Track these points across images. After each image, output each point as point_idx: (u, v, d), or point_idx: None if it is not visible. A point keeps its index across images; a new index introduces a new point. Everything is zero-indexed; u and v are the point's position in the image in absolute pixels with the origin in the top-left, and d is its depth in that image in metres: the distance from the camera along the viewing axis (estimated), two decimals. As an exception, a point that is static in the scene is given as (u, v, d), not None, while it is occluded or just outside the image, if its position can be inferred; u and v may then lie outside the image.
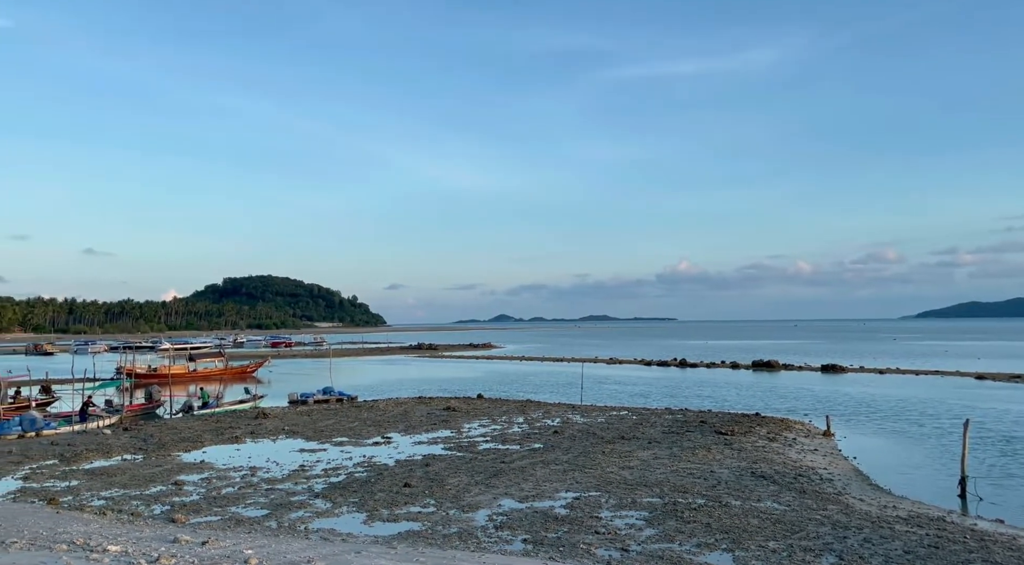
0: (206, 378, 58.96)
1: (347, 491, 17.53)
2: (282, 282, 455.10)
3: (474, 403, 38.46)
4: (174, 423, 32.16)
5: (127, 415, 34.69)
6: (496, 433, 27.42)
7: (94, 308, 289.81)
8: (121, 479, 19.29)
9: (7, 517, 14.22)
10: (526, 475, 19.25)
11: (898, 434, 29.12)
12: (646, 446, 24.13)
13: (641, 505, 15.86)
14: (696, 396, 44.83)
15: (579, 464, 20.81)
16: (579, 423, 30.12)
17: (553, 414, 33.30)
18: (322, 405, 38.45)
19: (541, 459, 21.69)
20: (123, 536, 12.41)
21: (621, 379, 58.45)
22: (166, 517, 15.00)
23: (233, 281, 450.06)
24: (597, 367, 71.87)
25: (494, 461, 21.39)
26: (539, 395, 44.88)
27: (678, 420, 31.02)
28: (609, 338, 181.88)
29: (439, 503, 16.18)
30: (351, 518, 15.12)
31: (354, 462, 21.63)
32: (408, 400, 40.33)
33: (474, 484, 18.15)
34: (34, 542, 11.65)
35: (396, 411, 34.58)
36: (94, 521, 14.25)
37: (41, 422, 29.42)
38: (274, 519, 14.83)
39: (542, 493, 17.16)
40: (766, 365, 69.46)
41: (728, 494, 16.96)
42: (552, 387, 51.64)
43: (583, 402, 39.26)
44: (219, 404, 38.18)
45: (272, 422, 30.98)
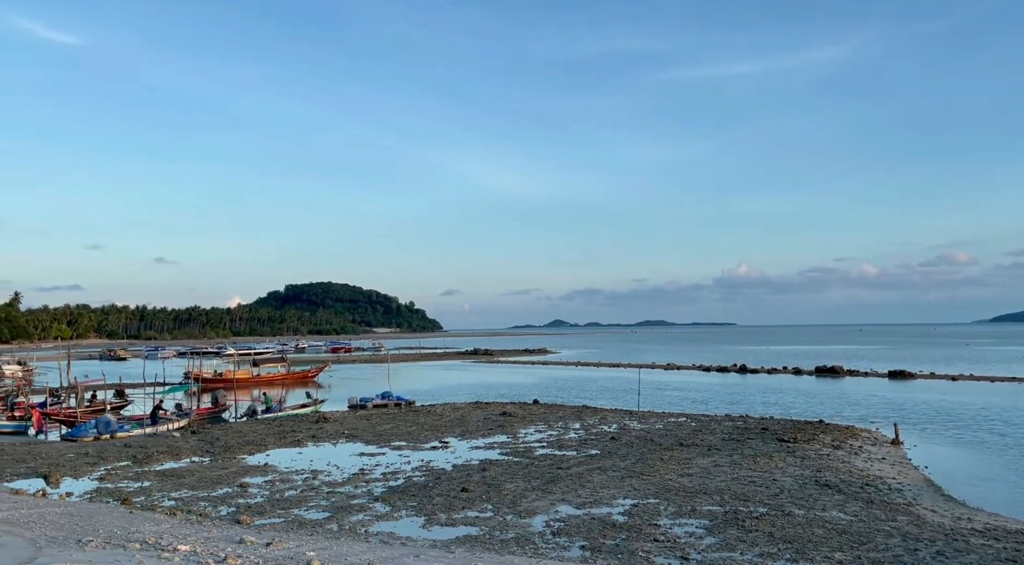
0: (269, 383, 60.50)
1: (406, 495, 17.72)
2: (341, 288, 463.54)
3: (530, 408, 38.46)
4: (239, 426, 33.08)
5: (195, 418, 35.82)
6: (552, 439, 27.35)
7: (163, 315, 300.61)
8: (190, 481, 19.92)
9: (84, 516, 14.84)
10: (583, 481, 19.15)
11: (973, 444, 27.92)
12: (706, 453, 23.73)
13: (701, 513, 15.60)
14: (757, 402, 43.88)
15: (637, 471, 20.59)
16: (636, 429, 29.82)
17: (610, 420, 33.04)
18: (381, 409, 39.01)
19: (598, 465, 21.54)
20: (192, 536, 12.81)
21: (679, 385, 57.63)
22: (232, 518, 15.42)
23: (294, 288, 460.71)
24: (654, 373, 71.03)
25: (551, 467, 21.34)
26: (595, 401, 44.60)
27: (738, 427, 30.41)
28: (666, 343, 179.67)
29: (496, 508, 16.22)
30: (410, 522, 15.28)
31: (412, 466, 21.87)
32: (464, 405, 40.58)
33: (531, 490, 18.14)
34: (109, 541, 12.13)
35: (453, 416, 34.83)
36: (165, 521, 14.75)
37: (115, 425, 30.63)
38: (335, 522, 15.10)
39: (600, 499, 17.04)
40: (830, 371, 67.56)
41: (791, 503, 16.54)
42: (608, 393, 51.24)
43: (640, 408, 38.85)
44: (282, 408, 39.08)
45: (332, 426, 31.57)
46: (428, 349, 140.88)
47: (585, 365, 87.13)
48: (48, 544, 11.80)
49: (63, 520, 14.21)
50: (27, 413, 35.14)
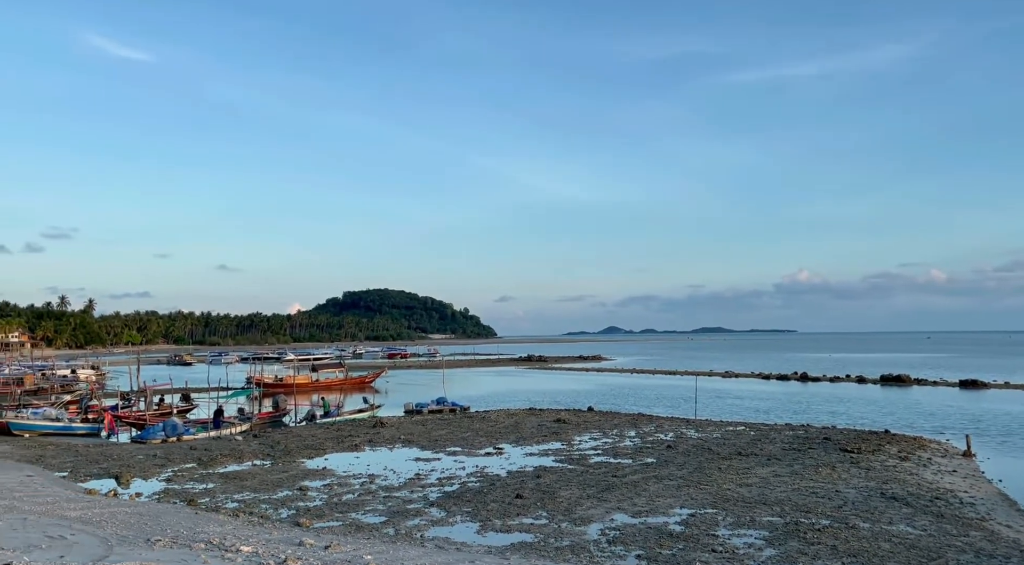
0: (327, 388, 61.66)
1: (461, 500, 17.82)
2: (398, 295, 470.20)
3: (584, 416, 38.24)
4: (298, 431, 33.80)
5: (257, 422, 36.73)
6: (608, 446, 27.14)
7: (227, 321, 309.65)
8: (252, 483, 20.43)
9: (153, 516, 15.37)
10: (639, 490, 18.94)
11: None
12: (765, 463, 23.19)
13: (760, 524, 15.25)
14: (819, 411, 42.71)
15: (694, 480, 20.26)
16: (693, 438, 29.35)
17: (666, 428, 32.61)
18: (436, 415, 39.33)
19: (654, 474, 21.27)
20: (254, 537, 13.14)
21: (738, 393, 56.51)
22: (292, 521, 15.75)
23: (352, 294, 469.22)
24: (712, 380, 69.82)
25: (606, 474, 21.17)
26: (651, 409, 44.08)
27: (799, 436, 29.64)
28: (724, 351, 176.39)
29: (551, 515, 16.17)
30: (465, 527, 15.35)
31: (467, 472, 21.98)
32: (519, 411, 40.61)
33: (586, 497, 18.03)
34: (176, 541, 12.53)
35: (507, 422, 34.88)
36: (228, 522, 15.16)
37: (182, 428, 31.65)
38: (391, 526, 15.27)
39: (656, 508, 16.82)
40: (896, 379, 65.29)
41: (855, 515, 16.02)
42: (664, 401, 50.59)
43: (697, 416, 38.22)
44: (339, 413, 39.77)
45: (389, 431, 31.97)
46: (482, 355, 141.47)
47: (640, 372, 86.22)
48: (119, 543, 12.25)
49: (133, 519, 14.74)
50: (99, 415, 36.59)
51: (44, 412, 36.97)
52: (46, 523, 13.84)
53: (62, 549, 11.36)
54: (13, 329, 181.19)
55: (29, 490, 18.47)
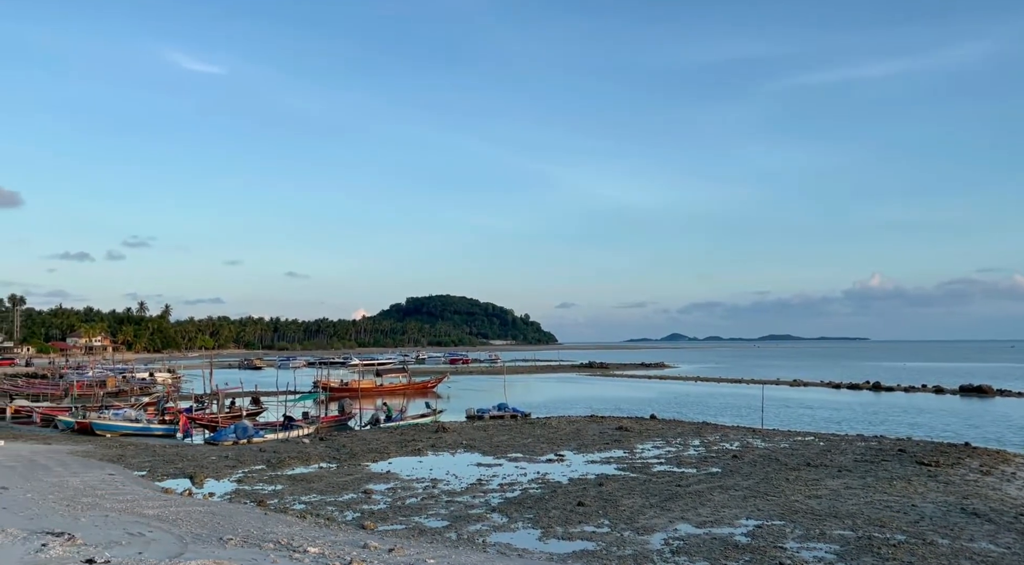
0: (391, 392, 62.60)
1: (522, 507, 17.82)
2: (459, 301, 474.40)
3: (647, 423, 37.77)
4: (363, 434, 34.42)
5: (322, 426, 37.55)
6: (671, 455, 26.74)
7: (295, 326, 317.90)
8: (318, 485, 20.89)
9: (225, 516, 15.88)
10: (703, 499, 18.59)
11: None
12: (836, 474, 22.46)
13: (831, 537, 14.76)
14: (893, 422, 41.15)
15: (761, 491, 19.77)
16: (760, 448, 28.66)
17: (731, 437, 31.93)
18: (497, 421, 39.47)
19: (719, 484, 20.85)
20: (320, 539, 13.43)
21: (806, 402, 54.93)
22: (357, 523, 16.03)
23: (415, 300, 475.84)
24: (779, 389, 68.04)
25: (669, 483, 20.86)
26: (716, 417, 43.24)
27: (872, 448, 28.60)
28: (792, 358, 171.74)
29: (613, 524, 16.02)
30: (526, 534, 15.35)
31: (528, 478, 21.97)
32: (580, 419, 40.39)
33: (649, 506, 17.80)
34: (246, 540, 12.91)
35: (568, 429, 34.74)
36: (296, 523, 15.54)
37: (252, 430, 32.61)
38: (454, 531, 15.38)
39: (721, 519, 16.48)
40: (976, 390, 62.38)
41: (933, 531, 15.35)
42: (730, 409, 49.56)
43: (764, 426, 37.29)
44: (403, 417, 40.32)
45: (451, 436, 32.23)
46: (543, 361, 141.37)
47: (705, 380, 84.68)
48: (193, 541, 12.70)
49: (206, 518, 15.26)
50: (175, 417, 38.04)
51: (124, 413, 38.65)
52: (126, 520, 14.46)
53: (140, 546, 11.84)
54: (97, 333, 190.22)
55: (111, 488, 19.33)
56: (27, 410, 43.31)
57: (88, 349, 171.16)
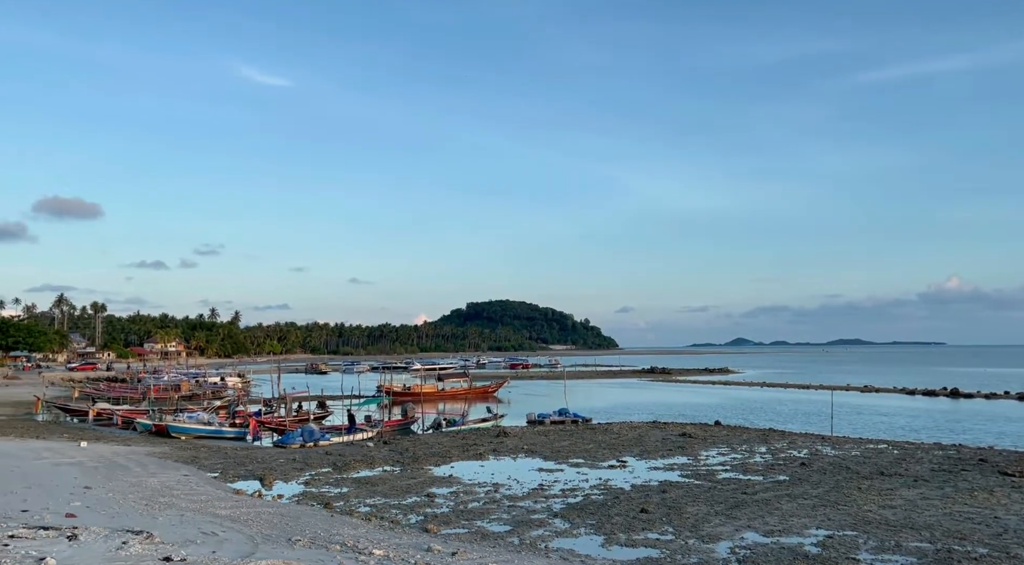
0: (452, 397, 63.12)
1: (584, 513, 17.72)
2: (519, 306, 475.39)
3: (711, 430, 37.09)
4: (426, 438, 34.79)
5: (385, 430, 38.12)
6: (736, 462, 26.19)
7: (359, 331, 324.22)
8: (382, 488, 21.21)
9: (293, 517, 16.28)
10: (770, 508, 18.14)
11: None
12: (911, 484, 21.60)
13: (907, 549, 14.21)
14: (973, 430, 39.36)
15: (831, 500, 19.17)
16: (830, 455, 27.79)
17: (799, 445, 31.07)
18: (558, 426, 39.36)
19: (787, 492, 20.31)
20: (385, 541, 13.63)
21: (879, 409, 53.04)
22: (420, 526, 16.21)
23: (475, 306, 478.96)
24: (849, 395, 65.90)
25: (735, 491, 20.43)
26: (783, 424, 42.13)
27: (950, 457, 27.41)
28: (863, 364, 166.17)
29: (677, 531, 15.78)
30: (589, 540, 15.25)
31: (590, 484, 21.83)
32: (642, 424, 39.94)
33: (714, 514, 17.46)
34: (314, 541, 13.20)
35: (631, 435, 34.39)
36: (361, 526, 15.82)
37: (318, 433, 33.35)
38: (516, 535, 15.40)
39: (789, 528, 16.05)
40: (1065, 396, 59.13)
41: (1018, 545, 14.60)
42: (798, 416, 48.25)
43: (834, 433, 36.17)
44: (464, 422, 40.60)
45: (512, 441, 32.29)
46: (604, 367, 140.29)
47: (771, 386, 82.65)
48: (264, 541, 13.06)
49: (276, 519, 15.68)
50: (245, 420, 39.21)
51: (198, 416, 40.07)
52: (200, 520, 14.97)
53: (214, 545, 12.24)
54: (172, 339, 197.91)
55: (185, 488, 20.04)
56: (108, 413, 45.31)
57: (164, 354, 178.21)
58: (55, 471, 21.80)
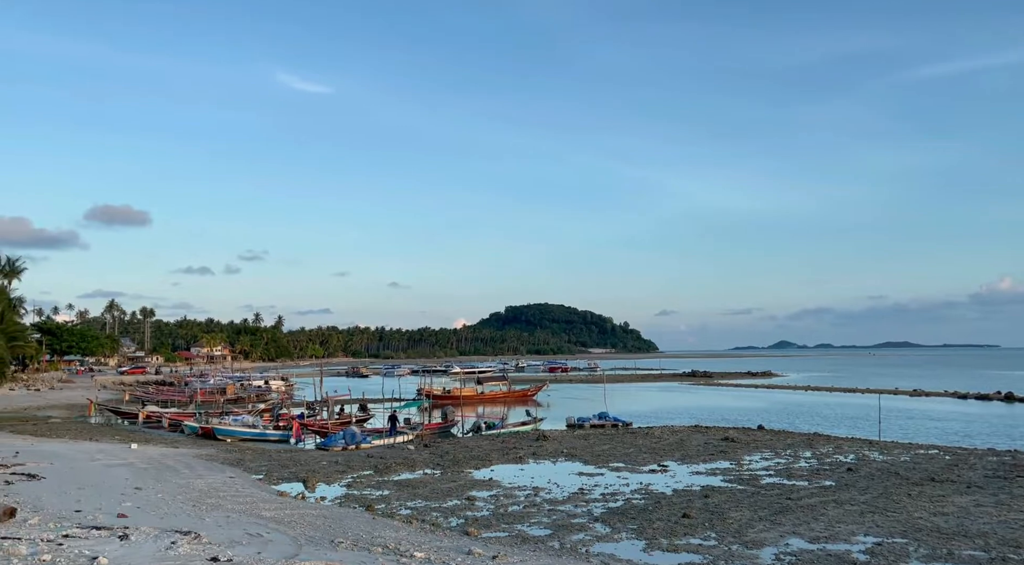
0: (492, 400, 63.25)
1: (625, 517, 17.60)
2: (557, 309, 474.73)
3: (754, 434, 36.52)
4: (465, 442, 34.92)
5: (424, 432, 38.35)
6: (780, 467, 25.74)
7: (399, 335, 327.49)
8: (423, 491, 21.34)
9: (335, 519, 16.47)
10: (816, 514, 17.78)
11: None
12: (964, 491, 20.97)
13: (960, 558, 13.79)
14: (1029, 435, 38.04)
15: (879, 506, 18.72)
16: (878, 461, 27.14)
17: (846, 449, 30.40)
18: (598, 430, 39.16)
19: (833, 498, 19.89)
20: (426, 544, 13.71)
21: (928, 413, 51.65)
22: (461, 530, 16.26)
23: (513, 309, 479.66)
24: (898, 399, 64.28)
25: (779, 496, 20.07)
26: (829, 428, 41.28)
27: (1005, 463, 26.53)
28: (912, 367, 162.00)
29: (720, 537, 15.56)
30: (630, 545, 15.13)
31: (631, 488, 21.67)
32: (683, 428, 39.51)
33: (758, 519, 17.18)
34: (356, 544, 13.34)
35: (672, 439, 34.05)
36: (402, 528, 15.93)
37: (360, 436, 33.71)
38: (556, 540, 15.35)
39: (836, 535, 15.71)
40: None
41: (1079, 556, 14.07)
42: (844, 420, 47.25)
43: (882, 438, 35.32)
44: (503, 425, 40.65)
45: (551, 444, 32.22)
46: (644, 370, 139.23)
47: (816, 390, 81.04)
48: (307, 542, 13.24)
49: (319, 521, 15.88)
50: (288, 423, 39.82)
51: (243, 419, 40.82)
52: (246, 521, 15.25)
53: (259, 546, 12.46)
54: (217, 343, 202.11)
55: (231, 490, 20.43)
56: (157, 415, 46.45)
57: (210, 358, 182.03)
58: (107, 472, 22.42)
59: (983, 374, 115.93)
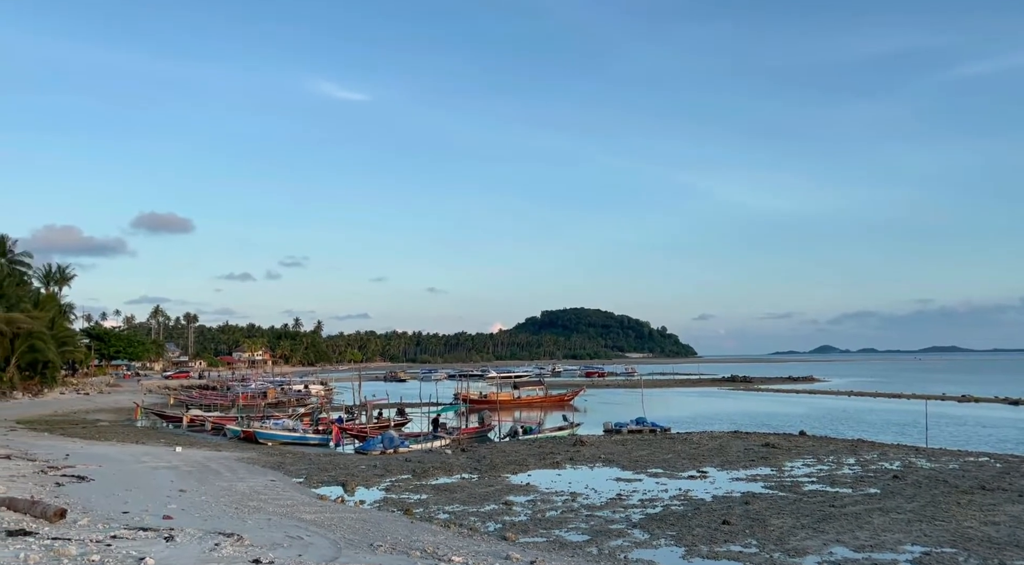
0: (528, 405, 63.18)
1: (664, 523, 17.43)
2: (594, 314, 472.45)
3: (796, 440, 35.87)
4: (502, 446, 34.93)
5: (461, 436, 38.46)
6: (823, 474, 25.24)
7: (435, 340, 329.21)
8: (460, 496, 21.40)
9: (374, 523, 16.61)
10: (861, 522, 17.40)
11: None
12: (1017, 499, 20.32)
13: (1013, 570, 13.37)
14: (1085, 443, 36.70)
15: (927, 515, 18.24)
16: (925, 468, 26.45)
17: (891, 456, 29.68)
18: (635, 435, 38.85)
19: (879, 506, 19.44)
20: (464, 549, 13.74)
21: (979, 420, 50.15)
22: (499, 534, 16.27)
23: (549, 314, 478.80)
24: (946, 405, 62.58)
25: (822, 504, 19.69)
26: (873, 435, 40.34)
27: (1060, 471, 25.64)
28: (960, 372, 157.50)
29: (761, 544, 15.32)
30: (669, 551, 14.98)
31: (670, 494, 21.45)
32: (723, 434, 38.98)
33: (800, 527, 16.88)
34: (395, 547, 13.43)
35: (711, 445, 33.62)
36: (440, 532, 16.00)
37: (398, 440, 33.95)
38: (595, 545, 15.27)
39: (881, 544, 15.35)
40: None
41: None
42: (889, 426, 46.14)
43: (929, 445, 34.40)
44: (540, 430, 40.57)
45: (589, 450, 32.05)
46: (682, 375, 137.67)
47: (859, 395, 79.32)
48: (347, 545, 13.37)
49: (358, 525, 16.03)
50: (328, 427, 40.28)
51: (283, 423, 41.41)
52: (287, 524, 15.46)
53: (300, 548, 12.61)
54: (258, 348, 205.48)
55: (272, 493, 20.73)
56: (200, 419, 47.39)
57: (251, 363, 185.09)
58: (153, 474, 22.93)
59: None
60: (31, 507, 13.88)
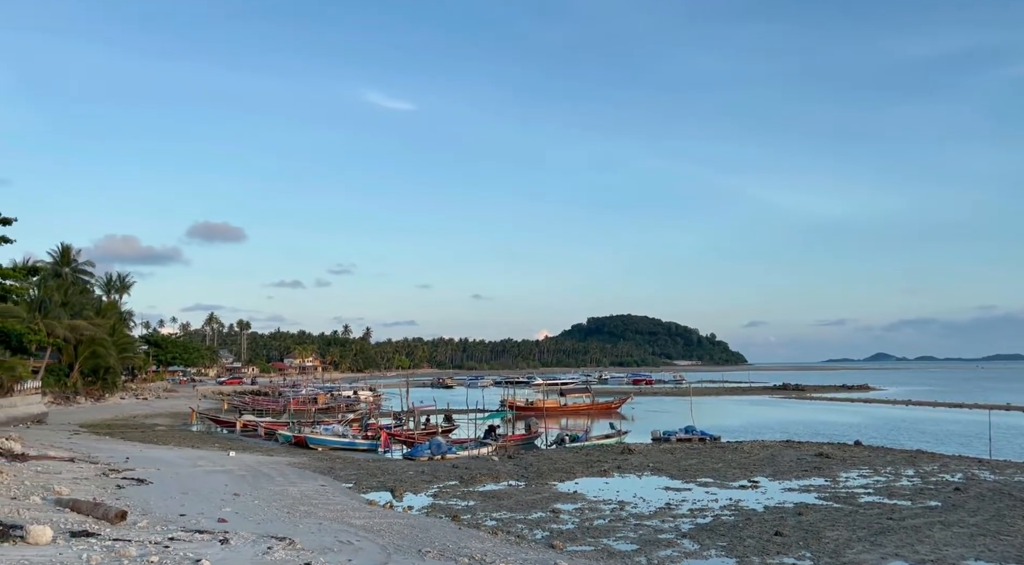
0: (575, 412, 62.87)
1: (714, 534, 17.14)
2: (641, 321, 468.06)
3: (851, 450, 34.92)
4: (549, 454, 34.82)
5: (508, 443, 38.44)
6: (880, 485, 24.51)
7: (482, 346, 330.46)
8: (508, 503, 21.39)
9: (422, 529, 16.72)
10: (921, 535, 16.83)
11: None
12: (1088, 515, 19.43)
13: (1085, 589, 12.78)
14: None
15: (991, 529, 17.55)
16: (989, 481, 25.48)
17: (952, 468, 28.67)
18: (684, 444, 38.34)
19: (939, 519, 18.78)
20: (511, 556, 13.73)
21: (1045, 430, 48.12)
22: (546, 542, 16.20)
23: (596, 320, 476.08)
24: (1011, 415, 60.17)
25: (879, 516, 19.12)
26: (932, 446, 39.05)
27: None
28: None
29: (816, 557, 14.95)
30: (720, 562, 14.73)
31: (720, 504, 21.10)
32: (775, 443, 38.19)
33: (856, 540, 16.41)
34: (443, 554, 13.49)
35: (762, 454, 32.96)
36: (488, 539, 16.01)
37: (445, 446, 34.14)
38: (643, 555, 15.10)
39: (943, 558, 14.83)
40: None
41: None
42: (949, 437, 44.64)
43: (993, 456, 33.13)
44: (587, 438, 40.33)
45: (637, 458, 31.73)
46: (732, 383, 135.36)
47: (918, 404, 76.86)
48: (395, 551, 13.49)
49: (406, 530, 16.15)
50: (376, 433, 40.74)
51: (333, 429, 42.04)
52: (336, 528, 15.67)
53: (350, 553, 12.78)
54: (308, 355, 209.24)
55: (323, 498, 21.05)
56: (253, 424, 48.39)
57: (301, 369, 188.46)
58: (208, 478, 23.50)
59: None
60: (93, 509, 14.37)
